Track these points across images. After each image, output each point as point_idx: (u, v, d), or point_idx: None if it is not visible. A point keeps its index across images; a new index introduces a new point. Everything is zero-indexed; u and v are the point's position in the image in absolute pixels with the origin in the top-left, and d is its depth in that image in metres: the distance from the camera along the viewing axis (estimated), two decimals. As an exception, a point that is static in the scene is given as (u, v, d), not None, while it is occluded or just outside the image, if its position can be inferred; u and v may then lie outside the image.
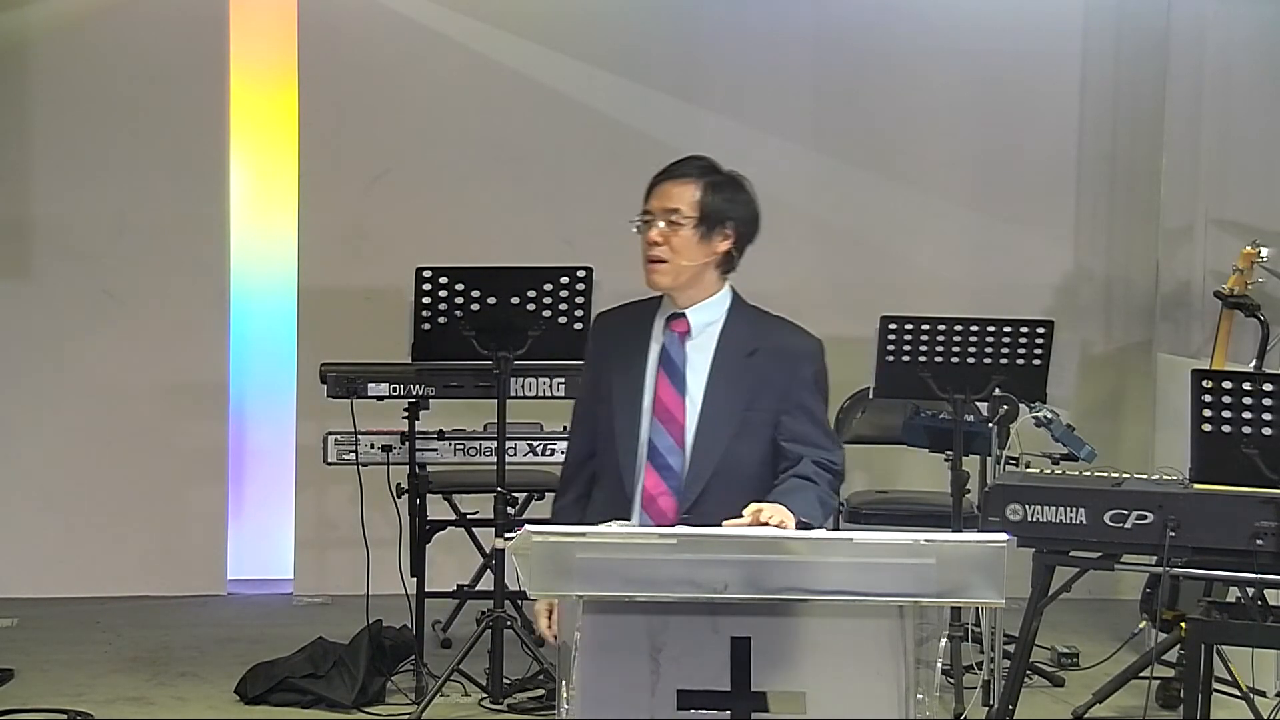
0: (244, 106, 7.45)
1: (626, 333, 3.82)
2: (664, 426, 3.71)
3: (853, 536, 3.19)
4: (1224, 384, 4.56)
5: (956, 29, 7.56)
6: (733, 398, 3.71)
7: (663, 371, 3.74)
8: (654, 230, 3.71)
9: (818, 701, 3.18)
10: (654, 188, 3.77)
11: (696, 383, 3.73)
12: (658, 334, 3.78)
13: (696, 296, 3.77)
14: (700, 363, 3.75)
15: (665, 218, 3.71)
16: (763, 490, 3.68)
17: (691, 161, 3.82)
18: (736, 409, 3.71)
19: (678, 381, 3.73)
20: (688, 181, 3.76)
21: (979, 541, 3.18)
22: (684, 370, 3.74)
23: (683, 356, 3.75)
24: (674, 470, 3.69)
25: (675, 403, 3.72)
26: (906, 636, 3.19)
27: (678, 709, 3.19)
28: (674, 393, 3.72)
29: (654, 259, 3.72)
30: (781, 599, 3.14)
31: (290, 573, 7.48)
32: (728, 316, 3.80)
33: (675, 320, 3.77)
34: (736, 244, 3.81)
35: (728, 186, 3.81)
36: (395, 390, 5.97)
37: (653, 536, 3.22)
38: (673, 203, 3.73)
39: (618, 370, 3.79)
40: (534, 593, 3.19)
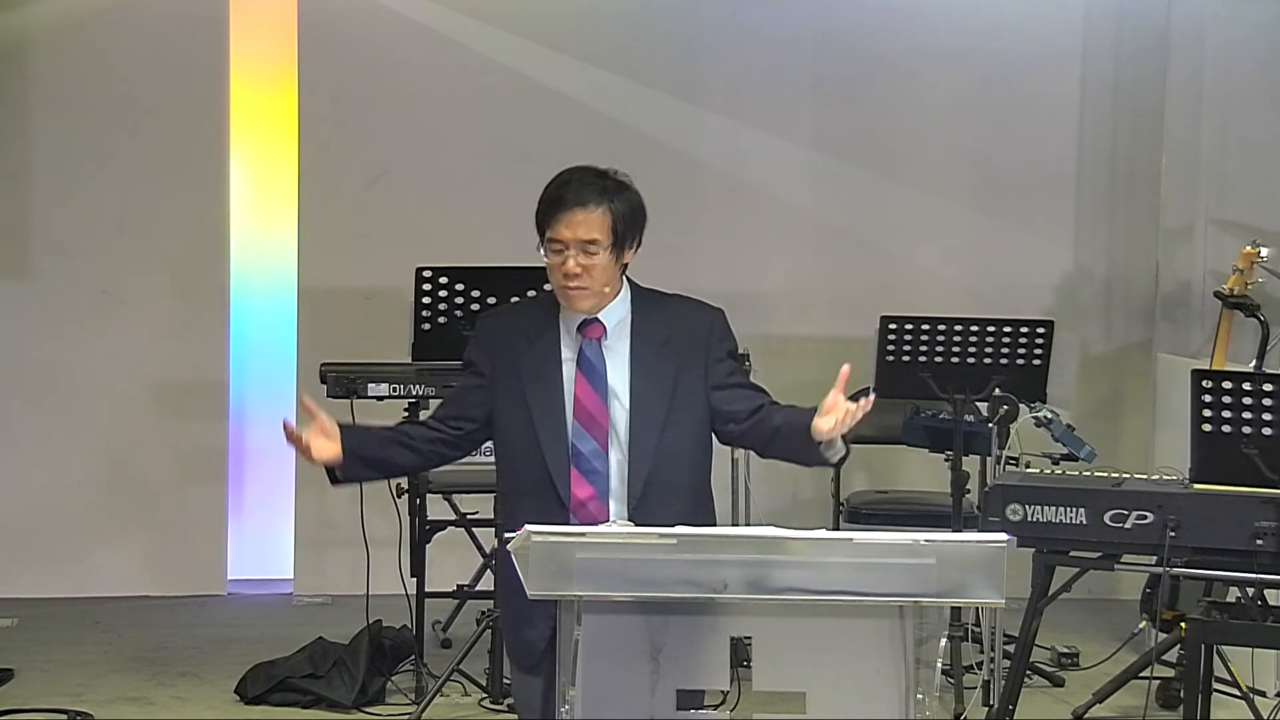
0: (244, 106, 7.45)
1: (528, 339, 3.78)
2: (587, 431, 3.69)
3: (853, 536, 3.19)
4: (1224, 384, 4.56)
5: (956, 29, 7.56)
6: (659, 390, 3.72)
7: (581, 376, 3.72)
8: (570, 263, 3.67)
9: (818, 701, 3.18)
10: (560, 214, 3.70)
11: (619, 384, 3.73)
12: (569, 340, 3.76)
13: (606, 302, 3.76)
14: (619, 364, 3.75)
15: (580, 248, 3.68)
16: (700, 475, 3.78)
17: (586, 181, 3.75)
18: (663, 400, 3.72)
19: (599, 385, 3.72)
20: (595, 207, 3.70)
21: (979, 541, 3.17)
22: (605, 372, 3.73)
23: (601, 360, 3.74)
24: (600, 474, 3.68)
25: (597, 406, 3.71)
26: (906, 636, 3.19)
27: (678, 709, 3.18)
28: (595, 396, 3.71)
29: (575, 288, 3.69)
30: (781, 599, 3.14)
31: (290, 573, 7.48)
32: (633, 309, 3.79)
33: (589, 326, 3.75)
34: (638, 248, 3.80)
35: (626, 197, 3.76)
36: (395, 390, 5.96)
37: (653, 536, 3.22)
38: (586, 233, 3.67)
39: (529, 378, 3.74)
40: (535, 594, 3.19)
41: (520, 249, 7.14)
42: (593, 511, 3.66)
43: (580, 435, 3.69)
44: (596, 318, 3.75)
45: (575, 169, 3.81)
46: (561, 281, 3.71)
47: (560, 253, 3.70)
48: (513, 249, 7.09)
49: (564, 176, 3.78)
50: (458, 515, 6.43)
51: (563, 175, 3.79)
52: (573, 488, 3.67)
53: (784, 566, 3.14)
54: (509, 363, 3.77)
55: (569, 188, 3.74)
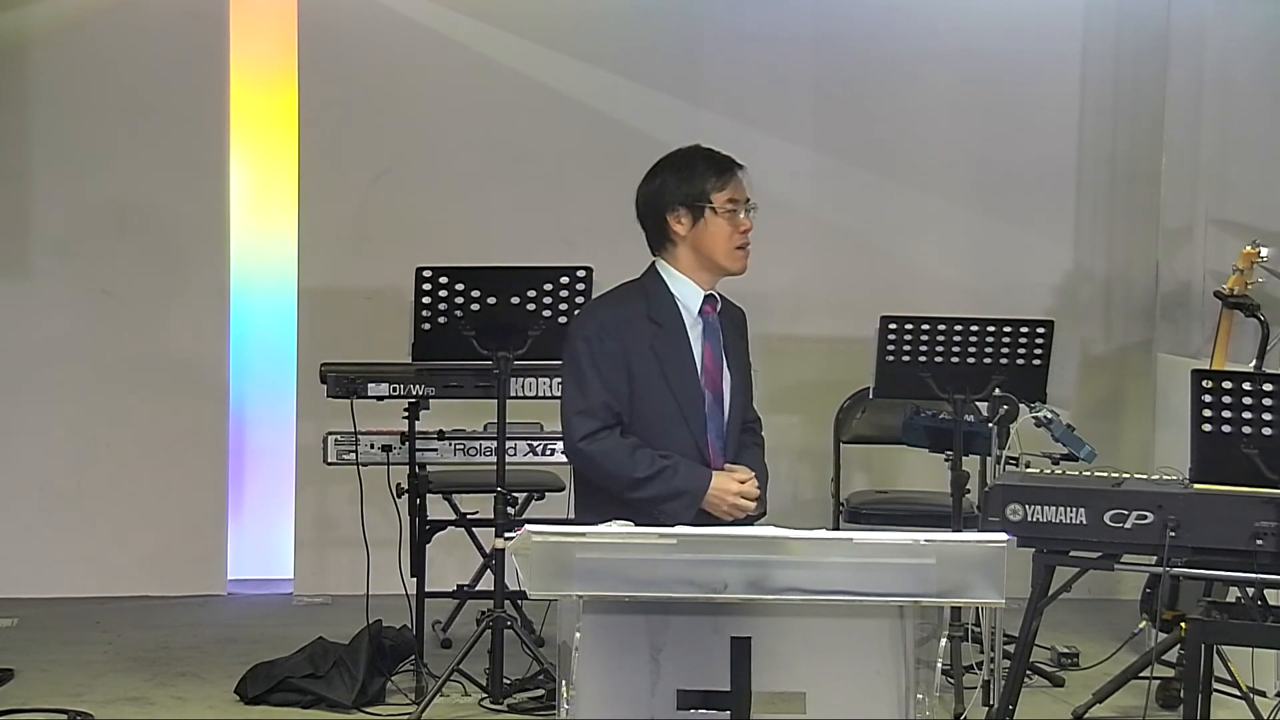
0: (244, 106, 7.45)
1: (657, 315, 4.06)
2: (711, 394, 4.05)
3: (853, 536, 3.19)
4: (1224, 384, 4.55)
5: (956, 29, 7.57)
6: (737, 364, 4.16)
7: (709, 346, 4.06)
8: (750, 219, 4.07)
9: (818, 701, 3.18)
10: (733, 177, 4.06)
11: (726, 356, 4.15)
12: (691, 317, 4.06)
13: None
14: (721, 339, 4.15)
15: (751, 208, 4.08)
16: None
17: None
18: (742, 371, 4.18)
19: (718, 351, 4.08)
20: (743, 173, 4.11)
21: (979, 541, 3.18)
22: (723, 341, 4.12)
23: (717, 331, 4.10)
24: (721, 433, 4.08)
25: (718, 370, 4.09)
26: (906, 636, 3.19)
27: (678, 709, 3.19)
28: (716, 361, 4.08)
29: (747, 246, 4.10)
30: (781, 599, 3.14)
31: (290, 573, 7.48)
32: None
33: (710, 301, 4.11)
34: None
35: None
36: (395, 390, 5.97)
37: (653, 536, 3.22)
38: (751, 194, 4.09)
39: (666, 357, 4.00)
40: (535, 594, 3.19)
41: (521, 249, 7.17)
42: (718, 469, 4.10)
43: (711, 406, 4.07)
44: (713, 293, 4.13)
45: (701, 147, 4.16)
46: (736, 240, 4.09)
47: (733, 212, 4.07)
48: (513, 249, 7.15)
49: (709, 149, 4.14)
50: (458, 515, 6.43)
51: (700, 148, 4.15)
52: (710, 451, 4.05)
53: (784, 566, 3.14)
54: (641, 344, 4.02)
55: (722, 158, 4.11)
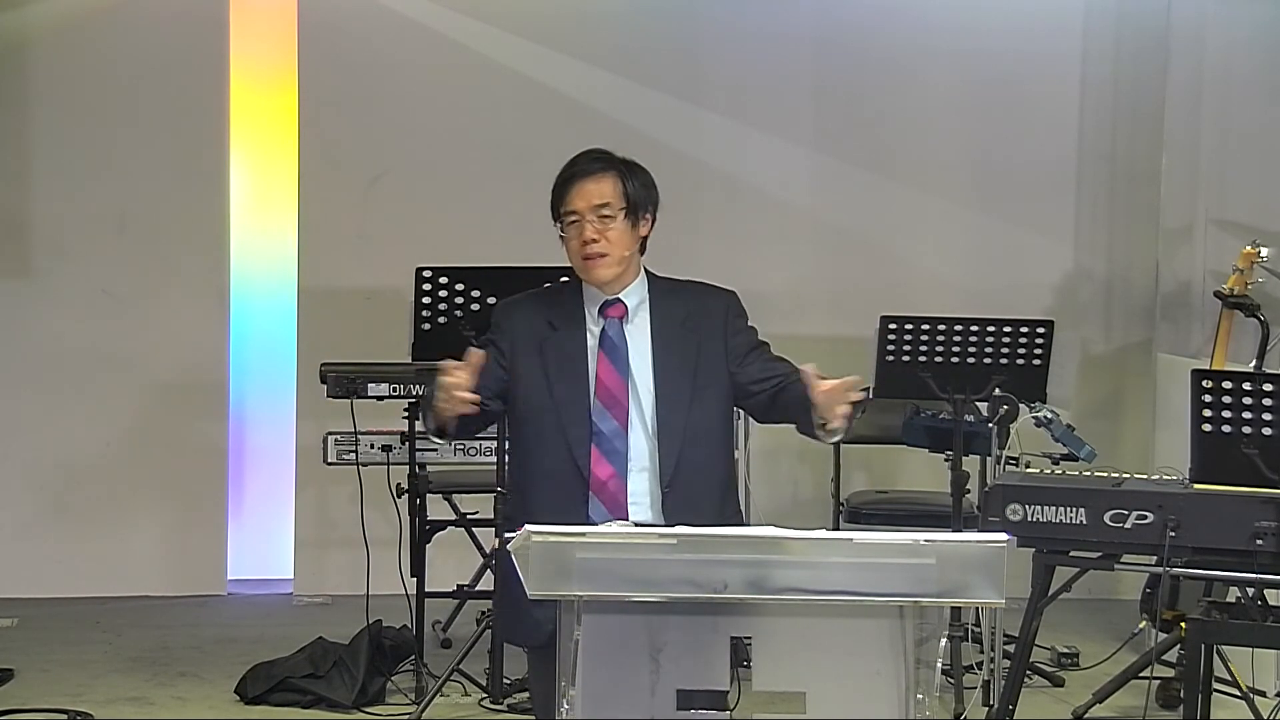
0: (244, 106, 7.45)
1: (553, 325, 3.82)
2: (608, 410, 3.75)
3: (853, 536, 3.19)
4: (1224, 384, 4.56)
5: (956, 29, 7.56)
6: (682, 368, 3.80)
7: (604, 356, 3.78)
8: (588, 229, 3.76)
9: (818, 701, 3.18)
10: (570, 188, 3.80)
11: (641, 364, 3.79)
12: (591, 321, 3.82)
13: (627, 281, 3.84)
14: (640, 344, 3.81)
15: (595, 214, 3.77)
16: (727, 453, 3.88)
17: (593, 157, 3.86)
18: (687, 378, 3.79)
19: (620, 365, 3.78)
20: (605, 176, 3.81)
21: (979, 541, 3.17)
22: (626, 352, 3.79)
23: (623, 340, 3.80)
24: (620, 453, 3.73)
25: (618, 386, 3.77)
26: (906, 636, 3.19)
27: (678, 709, 3.18)
28: (616, 376, 3.77)
29: (594, 255, 3.76)
30: (781, 599, 3.14)
31: (290, 573, 7.48)
32: (650, 293, 3.87)
33: (611, 306, 3.82)
34: (652, 225, 3.89)
35: (638, 173, 3.88)
36: (395, 390, 5.97)
37: (653, 536, 3.22)
38: (599, 198, 3.77)
39: (553, 362, 3.78)
40: (535, 594, 3.19)
41: (520, 249, 7.16)
42: (612, 490, 3.72)
43: (601, 415, 3.75)
44: (618, 297, 3.82)
45: (583, 152, 3.90)
46: (580, 251, 3.78)
47: (576, 223, 3.79)
48: (513, 249, 7.13)
49: (571, 160, 3.88)
50: (458, 515, 6.43)
51: (571, 160, 3.88)
52: (593, 467, 3.72)
53: (784, 566, 3.14)
54: (531, 346, 3.82)
55: (577, 164, 3.86)
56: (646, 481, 3.75)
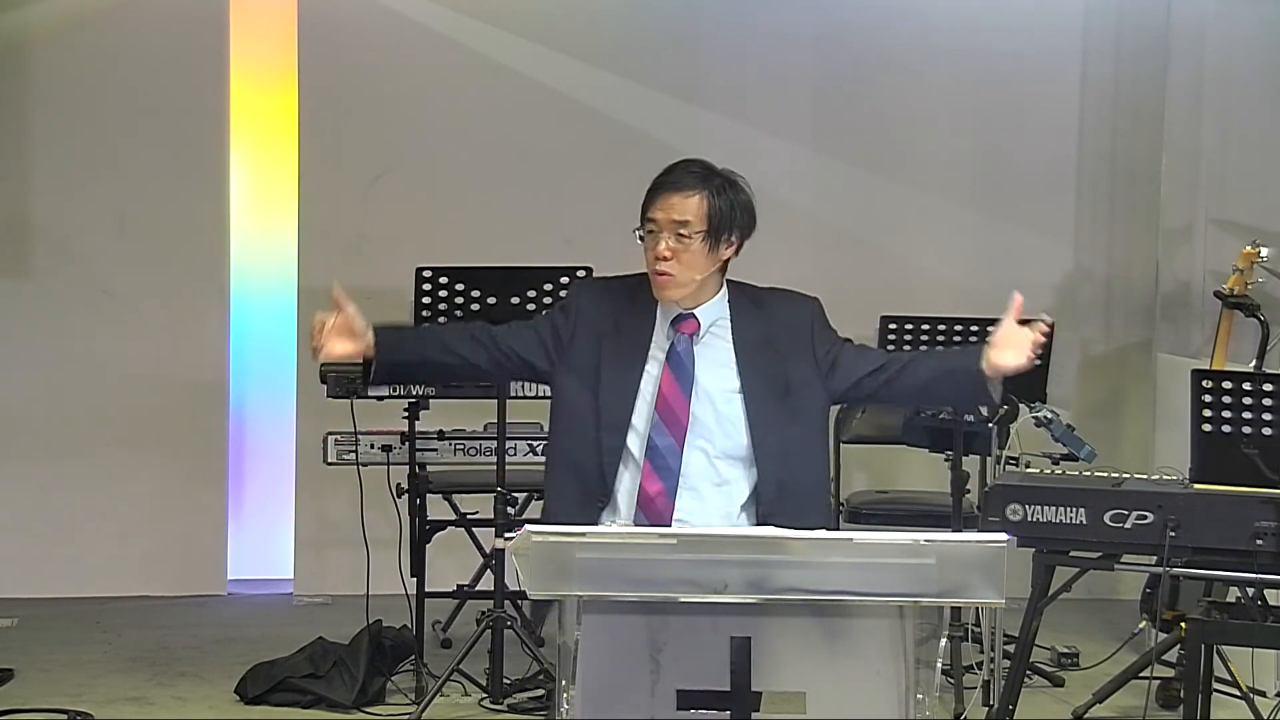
0: (244, 106, 7.45)
1: (624, 317, 3.77)
2: (666, 427, 3.70)
3: (853, 536, 3.19)
4: (1224, 384, 4.56)
5: (956, 29, 7.57)
6: (771, 387, 3.73)
7: (669, 371, 3.72)
8: (662, 244, 3.68)
9: (818, 701, 3.18)
10: (657, 197, 3.72)
11: (712, 383, 3.73)
12: (660, 331, 3.76)
13: (702, 299, 3.79)
14: (713, 363, 3.75)
15: (673, 231, 3.69)
16: (825, 469, 3.81)
17: (691, 169, 3.78)
18: (777, 397, 3.73)
19: (685, 382, 3.72)
20: (693, 192, 3.73)
21: (979, 541, 3.17)
22: (693, 371, 3.73)
23: (691, 358, 3.74)
24: (672, 471, 3.69)
25: (680, 403, 3.71)
26: (906, 636, 3.18)
27: (678, 709, 3.18)
28: (679, 393, 3.71)
29: (663, 273, 3.69)
30: (781, 599, 3.14)
31: (290, 573, 7.48)
32: (731, 311, 3.81)
33: (683, 321, 3.76)
34: (738, 248, 3.82)
35: (729, 190, 3.79)
36: (395, 390, 5.97)
37: (653, 536, 3.22)
38: (680, 214, 3.69)
39: (607, 359, 3.73)
40: (534, 594, 3.19)
41: (521, 249, 7.17)
42: (659, 508, 3.68)
43: (659, 430, 3.69)
44: (692, 313, 3.75)
45: (685, 159, 3.82)
46: (653, 264, 3.71)
47: (653, 234, 3.70)
48: (513, 249, 7.15)
49: (672, 165, 3.80)
50: (458, 515, 6.43)
51: (672, 164, 3.80)
52: (644, 482, 3.68)
53: (784, 566, 3.14)
54: (592, 339, 3.76)
55: (672, 173, 3.77)
56: (699, 501, 3.70)
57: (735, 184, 3.82)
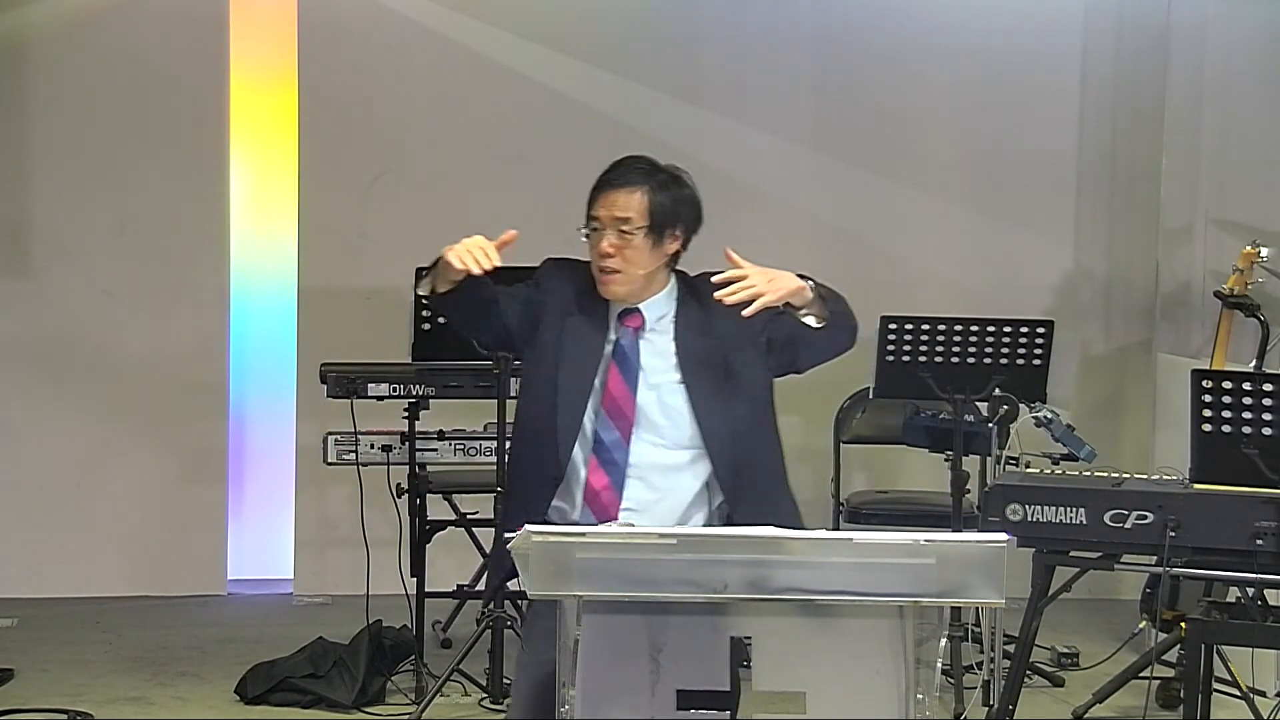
0: (244, 106, 7.45)
1: (585, 300, 3.77)
2: (612, 421, 3.70)
3: (853, 536, 3.19)
4: (1224, 384, 4.56)
5: (956, 29, 7.57)
6: (714, 372, 3.72)
7: (615, 366, 3.72)
8: (605, 241, 3.70)
9: (818, 701, 3.18)
10: (599, 195, 3.74)
11: (659, 377, 3.72)
12: (610, 324, 3.76)
13: (648, 294, 3.78)
14: (655, 355, 3.74)
15: (616, 227, 3.70)
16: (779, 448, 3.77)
17: (633, 165, 3.79)
18: (721, 381, 3.72)
19: (630, 377, 3.72)
20: (635, 188, 3.73)
21: (979, 541, 3.17)
22: (638, 367, 3.73)
23: (636, 352, 3.74)
24: (618, 465, 3.68)
25: (626, 398, 3.71)
26: (906, 636, 3.18)
27: (678, 709, 3.18)
28: (625, 388, 3.72)
29: (607, 270, 3.71)
30: (781, 599, 3.14)
31: (290, 573, 7.48)
32: (678, 305, 3.81)
33: (629, 315, 3.77)
34: (684, 242, 3.80)
35: (672, 186, 3.78)
36: (395, 390, 5.97)
37: (653, 536, 3.22)
38: (622, 211, 3.71)
39: (569, 338, 3.74)
40: (534, 594, 3.19)
41: (520, 248, 7.16)
42: (605, 502, 3.67)
43: (605, 425, 3.70)
44: (637, 308, 3.76)
45: (629, 156, 3.83)
46: (597, 261, 3.73)
47: (597, 231, 3.72)
48: (513, 249, 7.12)
49: (615, 162, 3.81)
50: (458, 515, 6.43)
51: (615, 161, 3.81)
52: (589, 477, 3.68)
53: (784, 566, 3.14)
54: (558, 316, 3.77)
55: (614, 171, 3.79)
56: (650, 491, 3.69)
57: (679, 179, 3.81)
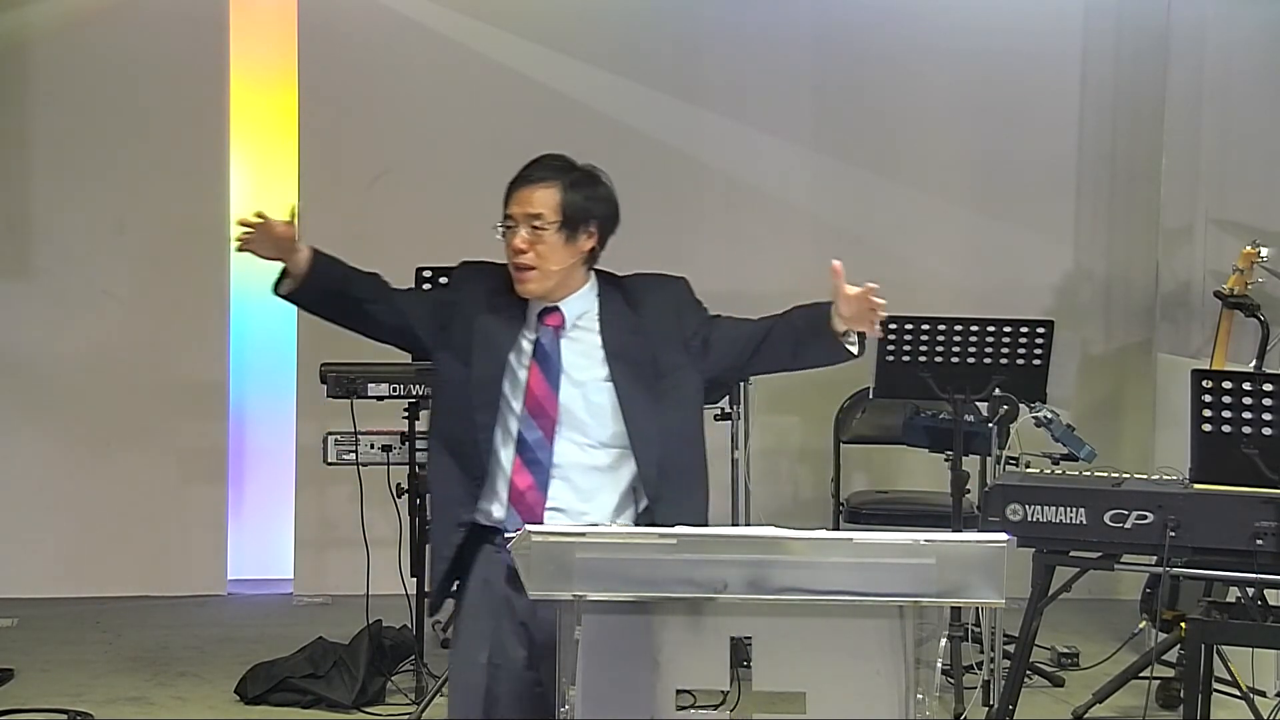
0: (244, 106, 7.45)
1: (499, 299, 3.77)
2: (535, 420, 3.69)
3: (853, 536, 3.19)
4: (1224, 384, 4.56)
5: (956, 29, 7.57)
6: (643, 375, 3.71)
7: (537, 365, 3.71)
8: (518, 238, 3.70)
9: (818, 701, 3.18)
10: (513, 192, 3.75)
11: (582, 375, 3.71)
12: (530, 325, 3.75)
13: (566, 292, 3.76)
14: (579, 354, 3.73)
15: (528, 224, 3.70)
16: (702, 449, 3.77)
17: (547, 163, 3.79)
18: (650, 383, 3.71)
19: (552, 376, 3.71)
20: (547, 185, 3.73)
21: (979, 541, 3.17)
22: (559, 365, 3.72)
23: (557, 350, 3.73)
24: (542, 465, 3.67)
25: (548, 397, 3.70)
26: (906, 636, 3.19)
27: (678, 709, 3.19)
28: (547, 387, 3.70)
29: (521, 266, 3.70)
30: (781, 599, 3.14)
31: (290, 573, 7.48)
32: (600, 302, 3.79)
33: (549, 314, 3.75)
34: (600, 240, 3.78)
35: (586, 183, 3.77)
36: (395, 390, 5.97)
37: (653, 536, 3.22)
38: (534, 208, 3.70)
39: (480, 341, 3.74)
40: (535, 594, 3.19)
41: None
42: (530, 502, 3.66)
43: (528, 424, 3.68)
44: (557, 306, 3.75)
45: (545, 154, 3.83)
46: (511, 258, 3.73)
47: (511, 229, 3.73)
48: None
49: (531, 160, 3.81)
50: (458, 515, 6.42)
51: (532, 159, 3.81)
52: (514, 477, 3.67)
53: (784, 566, 3.14)
54: (469, 317, 3.77)
55: (529, 168, 3.79)
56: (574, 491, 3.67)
57: (594, 176, 3.81)
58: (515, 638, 3.65)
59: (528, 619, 3.62)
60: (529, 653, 3.64)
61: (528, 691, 3.64)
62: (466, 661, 3.71)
